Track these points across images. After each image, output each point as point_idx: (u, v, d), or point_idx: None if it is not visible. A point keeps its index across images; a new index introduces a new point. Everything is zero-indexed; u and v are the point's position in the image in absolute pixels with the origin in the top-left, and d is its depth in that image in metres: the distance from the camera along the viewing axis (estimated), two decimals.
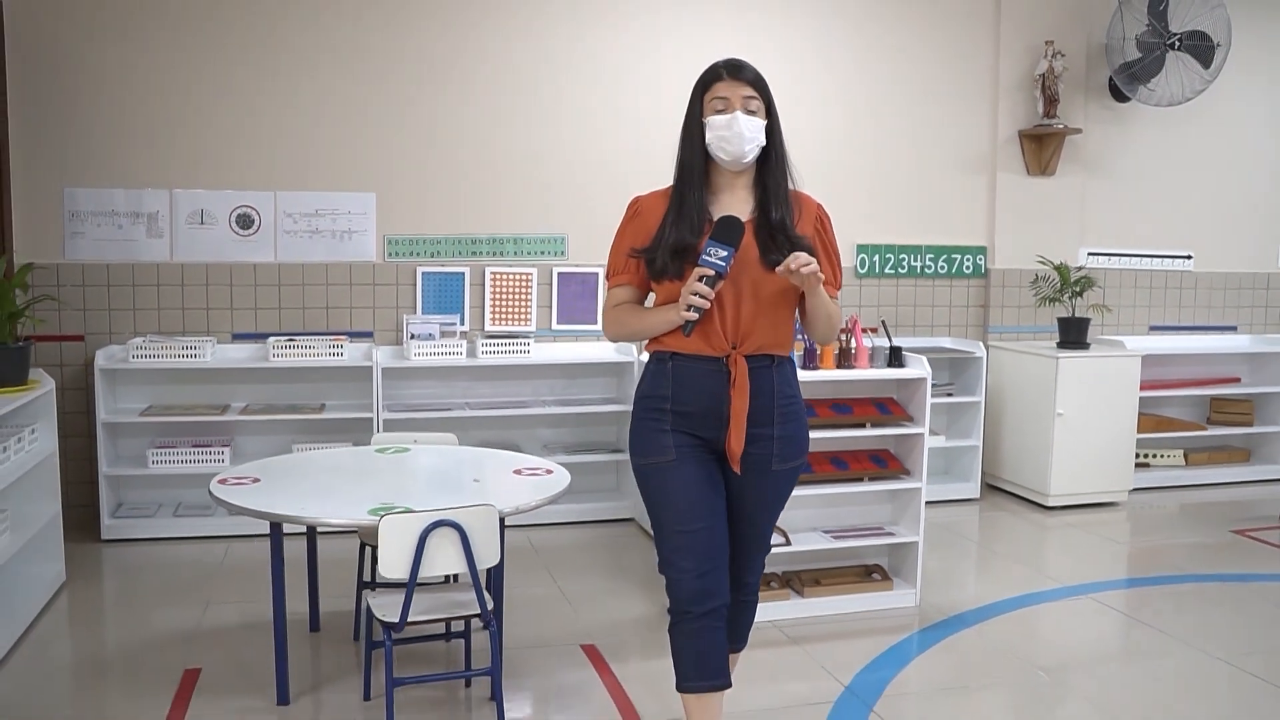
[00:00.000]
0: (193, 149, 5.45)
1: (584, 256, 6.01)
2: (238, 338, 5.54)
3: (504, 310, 5.89)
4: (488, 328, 5.87)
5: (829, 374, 4.56)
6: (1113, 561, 5.47)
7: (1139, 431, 6.56)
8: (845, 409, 4.62)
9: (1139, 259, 7.31)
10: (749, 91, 2.79)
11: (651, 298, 2.93)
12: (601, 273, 6.02)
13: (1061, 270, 6.42)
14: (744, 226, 2.71)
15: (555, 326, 6.00)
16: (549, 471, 3.88)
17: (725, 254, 2.64)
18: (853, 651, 4.08)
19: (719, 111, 2.78)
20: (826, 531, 4.66)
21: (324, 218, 5.57)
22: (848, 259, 6.49)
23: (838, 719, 3.50)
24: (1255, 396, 7.39)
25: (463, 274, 5.81)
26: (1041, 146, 6.84)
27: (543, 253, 5.95)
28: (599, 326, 6.05)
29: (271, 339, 5.41)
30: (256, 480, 3.61)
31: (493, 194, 5.84)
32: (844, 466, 4.62)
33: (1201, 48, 6.70)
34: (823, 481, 4.55)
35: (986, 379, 6.53)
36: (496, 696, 3.38)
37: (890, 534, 4.70)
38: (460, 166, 5.78)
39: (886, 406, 4.70)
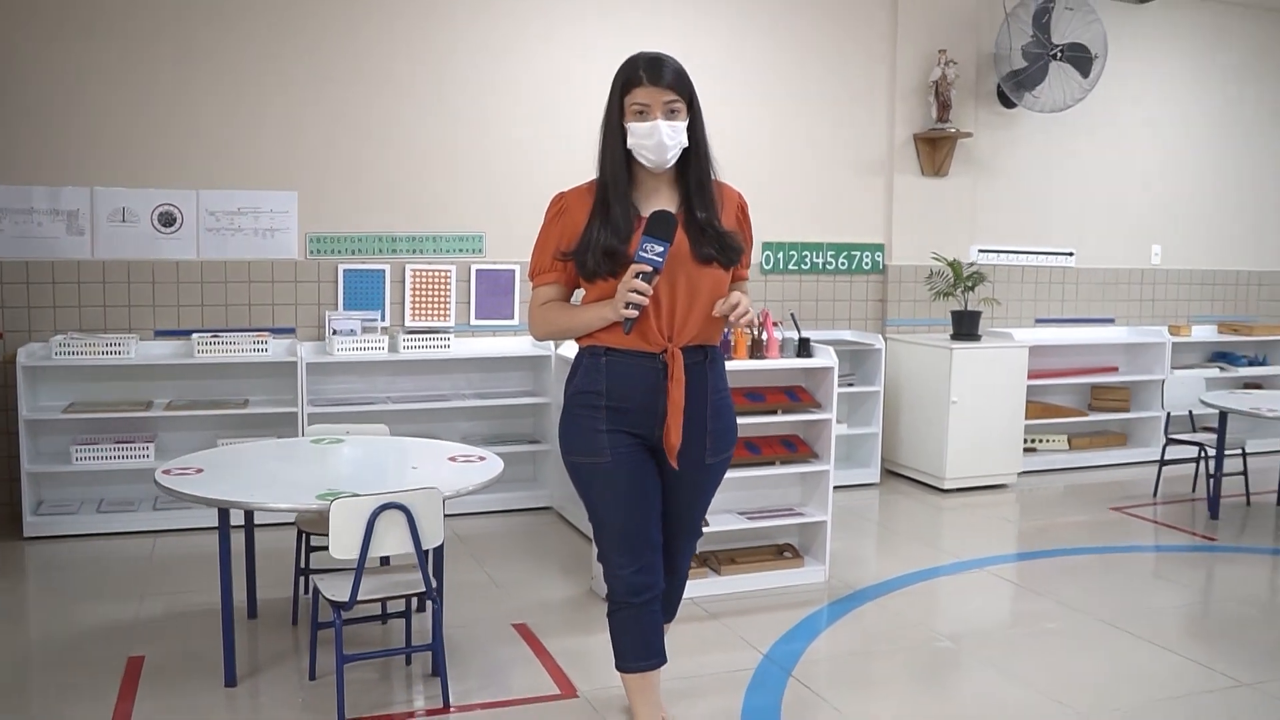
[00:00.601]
0: (114, 147, 5.48)
1: (501, 254, 6.18)
2: (160, 334, 5.58)
3: (424, 306, 6.03)
4: (408, 323, 6.01)
5: (743, 364, 4.81)
6: (1004, 538, 5.84)
7: (1027, 418, 6.96)
8: (758, 397, 4.89)
9: (1025, 256, 7.75)
10: (669, 96, 2.75)
11: (579, 294, 2.95)
12: (519, 269, 6.20)
13: (954, 266, 6.78)
14: (676, 222, 2.73)
15: (474, 322, 6.16)
16: (482, 459, 4.06)
17: (661, 249, 2.68)
18: (769, 624, 4.34)
19: (639, 116, 2.75)
20: (741, 513, 4.92)
21: (246, 216, 5.64)
22: (753, 256, 6.77)
23: (759, 685, 3.75)
24: (1131, 384, 7.87)
25: (383, 271, 5.94)
26: (935, 149, 7.21)
27: (461, 250, 6.10)
28: (516, 322, 6.23)
29: (195, 335, 5.47)
30: (200, 470, 3.71)
31: (413, 193, 5.97)
32: (757, 451, 4.88)
33: (1081, 58, 7.14)
34: (737, 465, 4.79)
35: (885, 369, 6.87)
36: (440, 671, 3.55)
37: (800, 514, 4.98)
38: (381, 165, 5.90)
39: (796, 394, 4.97)
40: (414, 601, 3.88)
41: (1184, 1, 8.09)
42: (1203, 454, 6.62)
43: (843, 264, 7.16)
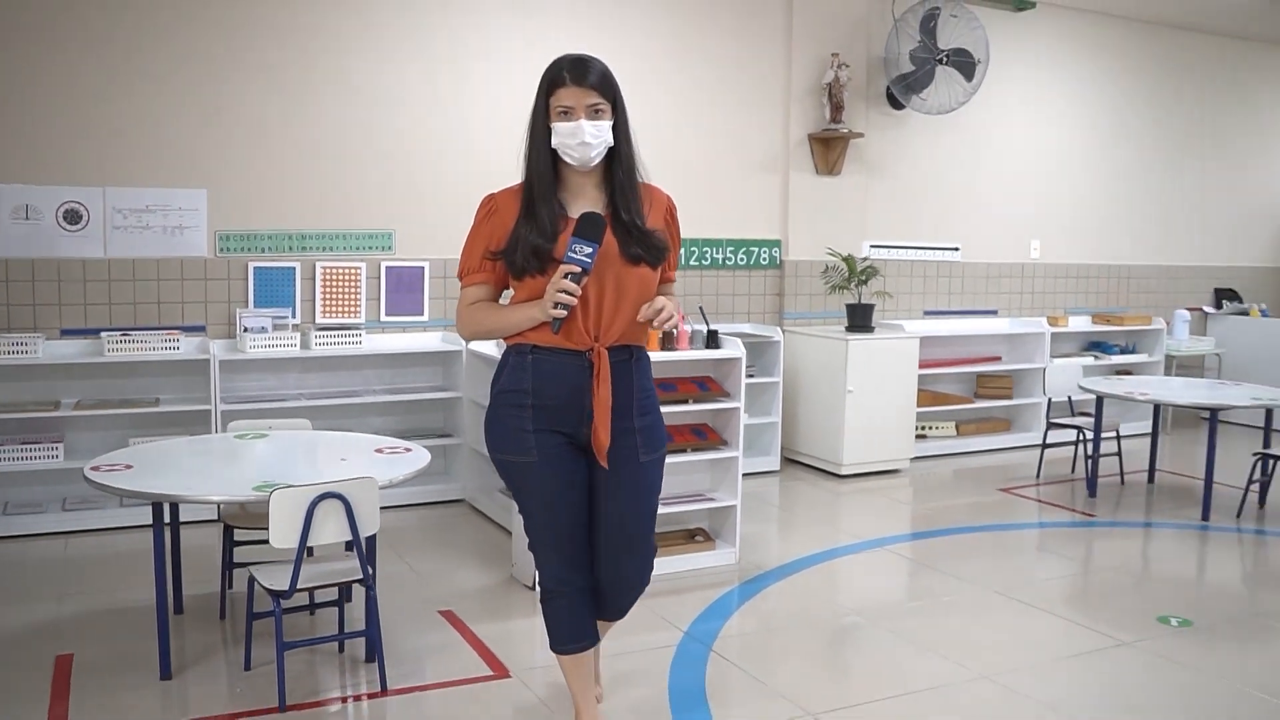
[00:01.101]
0: (17, 144, 5.39)
1: (410, 251, 6.25)
2: (67, 334, 5.52)
3: (334, 303, 6.07)
4: (319, 320, 6.04)
5: (654, 355, 4.95)
6: (900, 519, 6.13)
7: (917, 406, 7.29)
8: (670, 387, 5.07)
9: (914, 251, 8.10)
10: (593, 97, 2.79)
11: (507, 294, 2.98)
12: (428, 266, 6.29)
13: (849, 261, 7.06)
14: (604, 222, 2.76)
15: (384, 318, 6.22)
16: (408, 450, 4.15)
17: (590, 250, 2.70)
18: (687, 604, 4.52)
19: (564, 116, 2.79)
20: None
21: (155, 213, 5.62)
22: None
23: (683, 661, 3.93)
24: (1014, 373, 8.29)
25: (294, 268, 5.96)
26: (828, 149, 7.50)
27: (371, 247, 6.16)
28: (425, 318, 6.31)
29: (105, 334, 5.43)
30: (129, 466, 3.73)
31: (322, 190, 6.01)
32: (669, 439, 5.04)
33: (965, 63, 7.50)
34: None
35: (783, 361, 7.12)
36: (378, 655, 3.65)
37: (711, 499, 5.18)
38: (290, 163, 5.92)
39: (705, 384, 5.17)
40: (341, 591, 3.97)
41: (1061, 11, 8.53)
42: (1081, 437, 7.04)
43: (741, 260, 7.40)
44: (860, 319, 7.10)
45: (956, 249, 8.30)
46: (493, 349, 5.90)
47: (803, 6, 7.32)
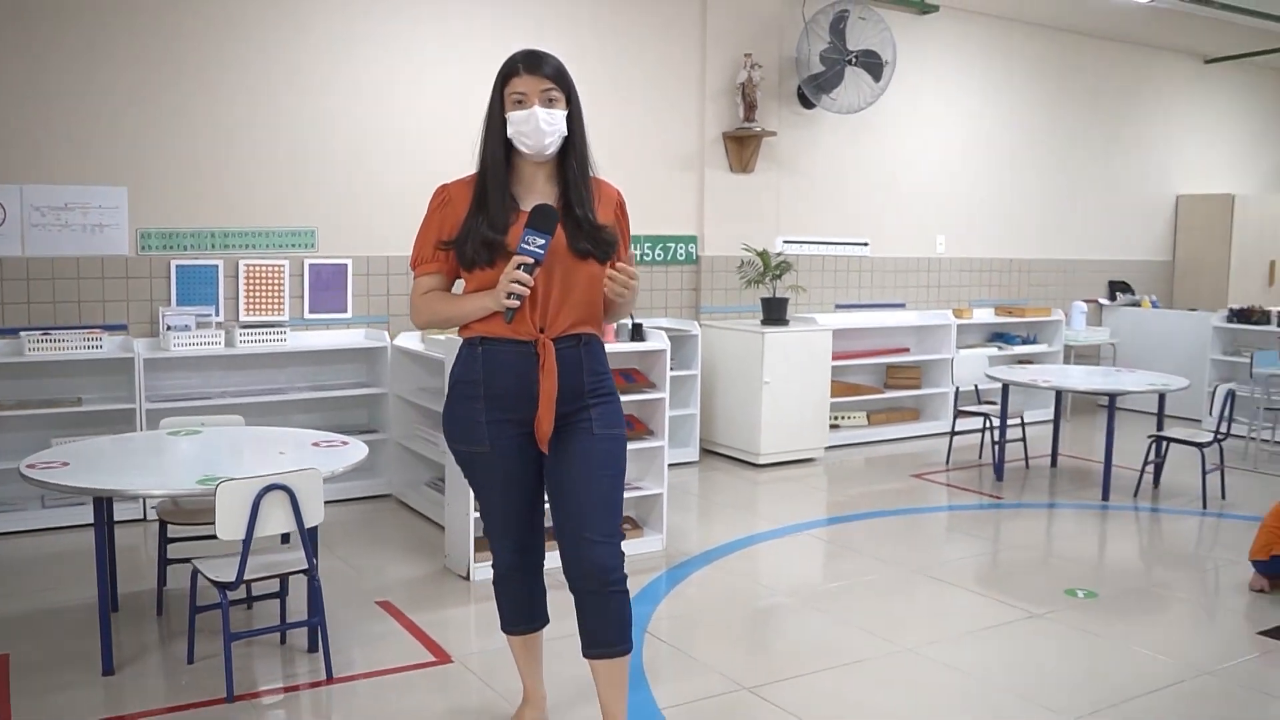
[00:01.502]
0: None
1: (333, 248, 6.27)
2: None
3: (257, 301, 6.07)
4: (242, 318, 6.03)
5: None
6: (818, 505, 6.33)
7: (831, 396, 7.52)
8: None
9: (825, 246, 8.33)
10: (547, 85, 2.84)
11: (459, 284, 2.99)
12: (350, 263, 6.32)
13: (763, 256, 7.25)
14: (558, 215, 2.79)
15: (307, 316, 6.23)
16: (344, 443, 4.21)
17: (543, 242, 2.73)
18: None
19: (518, 105, 2.82)
20: None
21: (74, 211, 5.56)
22: None
23: None
24: (921, 363, 8.58)
25: (216, 266, 5.94)
26: (742, 147, 7.68)
27: (293, 245, 6.16)
28: (349, 315, 6.34)
29: (25, 334, 5.37)
30: (65, 464, 3.72)
31: (245, 188, 6.00)
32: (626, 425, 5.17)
33: (873, 64, 7.75)
34: None
35: (701, 354, 7.28)
36: (323, 643, 3.71)
37: (639, 488, 5.31)
38: (212, 161, 5.90)
39: (632, 376, 5.31)
40: (281, 583, 4.01)
41: (964, 15, 8.85)
42: (988, 424, 7.32)
43: (659, 255, 7.55)
44: (775, 313, 7.30)
45: (866, 244, 8.55)
46: (419, 344, 5.98)
47: (716, 8, 7.49)
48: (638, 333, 5.36)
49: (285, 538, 4.05)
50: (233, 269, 5.99)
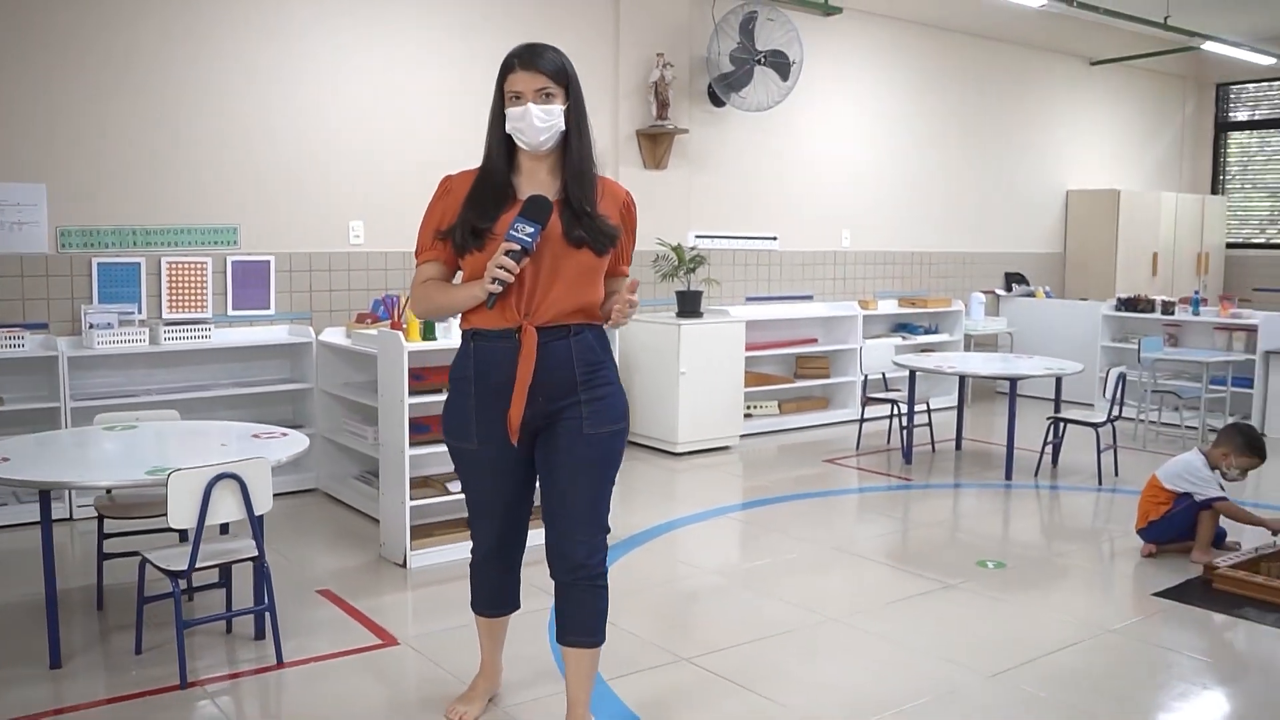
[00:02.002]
0: None
1: (256, 245, 6.29)
2: None
3: (180, 298, 6.06)
4: (166, 315, 6.02)
5: None
6: (736, 491, 6.55)
7: (745, 386, 7.75)
8: None
9: (736, 240, 8.56)
10: (542, 82, 2.84)
11: (460, 276, 3.01)
12: (273, 260, 6.35)
13: (678, 251, 7.45)
14: (551, 206, 2.82)
15: (231, 312, 6.24)
16: (284, 434, 4.29)
17: (532, 230, 2.74)
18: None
19: (515, 101, 2.85)
20: None
21: None
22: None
23: None
24: (829, 354, 8.86)
25: (138, 264, 5.93)
26: (655, 144, 7.87)
27: (216, 242, 6.17)
28: (272, 311, 6.37)
29: None
30: (6, 459, 3.73)
31: (166, 184, 5.99)
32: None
33: (781, 64, 8.00)
34: None
35: (619, 346, 7.43)
36: (273, 629, 3.79)
37: None
38: (132, 158, 5.88)
39: None
40: (221, 573, 4.08)
41: (866, 17, 9.16)
42: (896, 410, 7.63)
43: None
44: (690, 305, 7.50)
45: (775, 238, 8.81)
46: (344, 340, 6.04)
47: (629, 8, 7.67)
48: None
49: (224, 528, 4.12)
50: (155, 266, 5.97)
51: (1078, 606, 4.48)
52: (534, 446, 2.99)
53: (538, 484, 3.06)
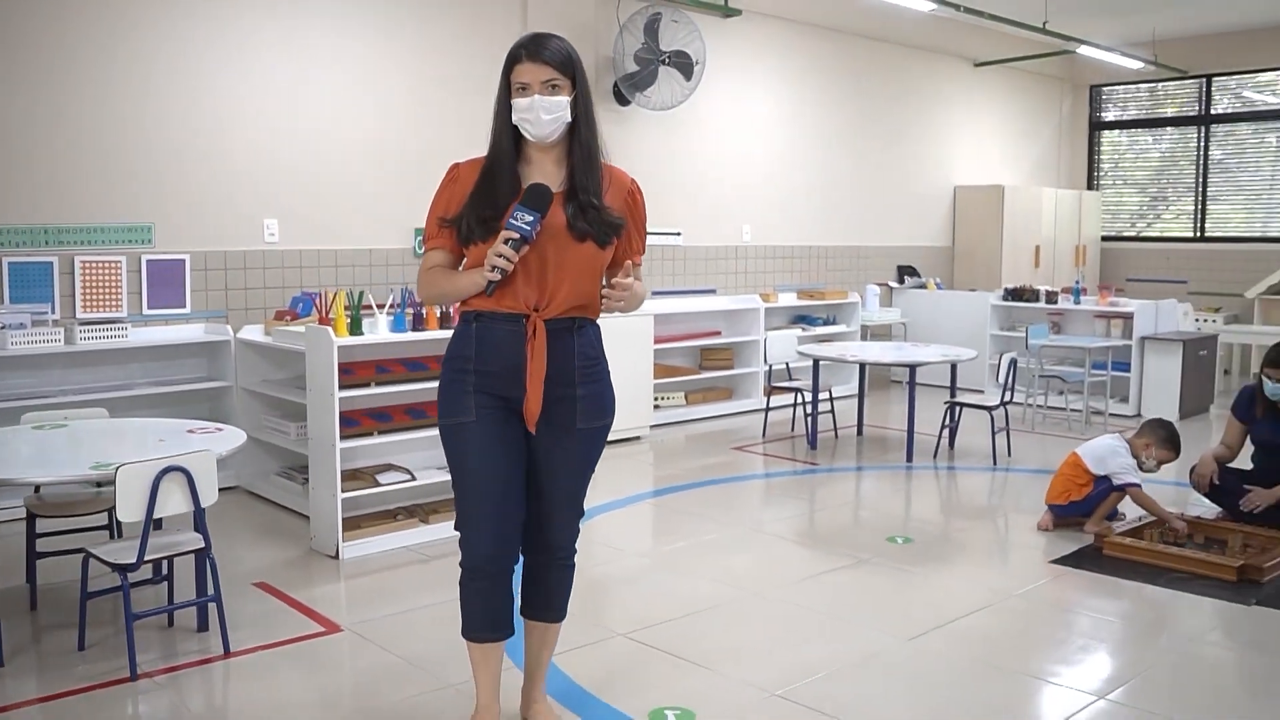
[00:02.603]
0: None
1: (170, 244, 6.28)
2: None
3: (95, 298, 6.02)
4: (80, 315, 5.97)
5: (435, 333, 5.29)
6: (650, 479, 6.75)
7: (654, 378, 7.96)
8: None
9: None
10: (549, 74, 2.82)
11: (466, 262, 2.99)
12: (188, 259, 6.34)
13: None
14: (552, 195, 2.80)
15: (146, 311, 6.22)
16: (219, 429, 4.35)
17: (531, 219, 2.74)
18: None
19: (521, 92, 2.83)
20: (440, 468, 5.46)
21: None
22: (407, 242, 7.28)
23: None
24: (733, 345, 9.13)
25: (51, 263, 5.87)
26: None
27: (130, 241, 6.14)
28: (188, 310, 6.36)
29: None
30: None
31: (78, 184, 5.93)
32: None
33: (684, 64, 8.23)
34: (431, 425, 5.29)
35: None
36: (220, 619, 3.85)
37: None
38: (43, 156, 5.82)
39: None
40: (155, 568, 4.13)
41: (764, 19, 9.44)
42: (799, 398, 7.92)
43: None
44: None
45: (679, 234, 9.04)
46: (263, 337, 6.07)
47: (537, 9, 7.81)
48: None
49: (158, 523, 4.16)
50: (68, 265, 5.93)
51: (983, 575, 4.80)
52: (525, 434, 2.97)
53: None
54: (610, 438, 3.17)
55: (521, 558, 3.10)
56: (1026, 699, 3.56)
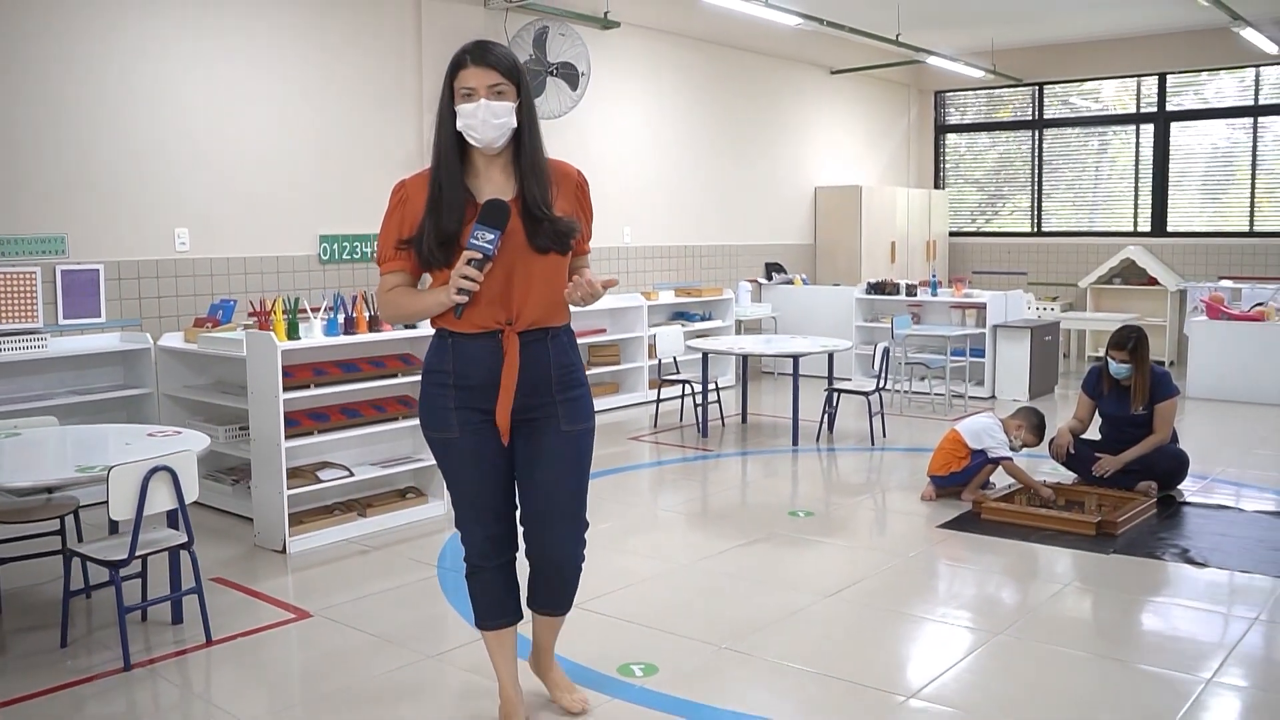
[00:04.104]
0: None
1: (85, 254, 6.38)
2: None
3: (9, 308, 6.09)
4: None
5: (365, 336, 5.58)
6: None
7: None
8: (379, 364, 5.73)
9: None
10: (495, 79, 2.84)
11: (426, 279, 3.02)
12: (103, 268, 6.46)
13: None
14: (509, 209, 2.81)
15: (62, 321, 6.31)
16: (177, 432, 4.58)
17: (492, 237, 2.76)
18: (423, 548, 5.26)
19: (466, 97, 2.84)
20: (374, 464, 5.77)
21: None
22: (310, 248, 7.51)
23: (449, 587, 4.69)
24: (618, 342, 9.58)
25: None
26: None
27: (43, 251, 6.23)
28: (103, 319, 6.47)
29: None
30: None
31: None
32: (382, 410, 5.74)
33: (571, 75, 8.63)
34: (368, 424, 5.63)
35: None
36: (201, 609, 4.10)
37: (419, 460, 5.90)
38: None
39: (410, 359, 5.89)
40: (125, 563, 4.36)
41: (641, 31, 9.90)
42: (689, 390, 8.43)
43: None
44: None
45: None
46: (182, 344, 6.24)
47: (430, 23, 8.11)
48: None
49: (114, 527, 4.37)
50: None
51: (879, 540, 5.39)
52: (513, 442, 3.06)
53: (516, 484, 3.14)
54: None
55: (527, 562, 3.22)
56: (933, 638, 4.12)
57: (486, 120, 2.83)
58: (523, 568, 3.28)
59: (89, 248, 6.40)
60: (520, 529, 3.17)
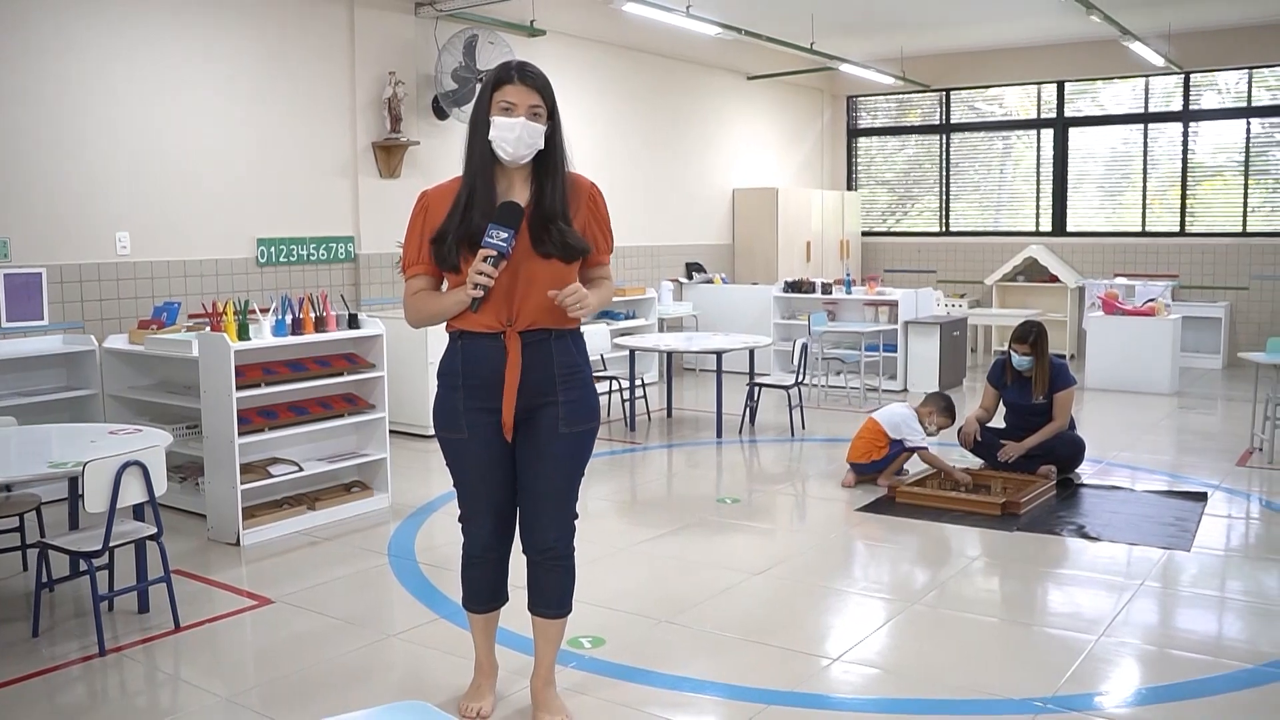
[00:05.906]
0: None
1: (27, 257, 6.49)
2: None
3: None
4: None
5: (310, 337, 5.80)
6: None
7: None
8: (325, 363, 5.96)
9: None
10: (535, 100, 3.02)
11: (446, 284, 3.19)
12: (45, 272, 6.58)
13: None
14: (523, 211, 2.98)
15: (4, 325, 6.42)
16: (139, 430, 4.78)
17: (506, 235, 2.91)
18: (372, 538, 5.51)
19: (505, 111, 3.00)
20: (320, 459, 6.00)
21: None
22: (248, 251, 7.68)
23: (402, 572, 4.96)
24: None
25: None
26: (390, 155, 8.57)
27: None
28: (45, 322, 6.59)
29: None
30: None
31: None
32: (329, 407, 5.97)
33: None
34: (314, 420, 5.86)
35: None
36: (170, 597, 4.31)
37: (365, 455, 6.15)
38: None
39: (354, 358, 6.12)
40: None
41: (566, 39, 10.19)
42: (616, 385, 8.75)
43: (322, 255, 8.27)
44: None
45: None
46: (127, 345, 6.39)
47: (363, 30, 8.32)
48: (354, 321, 6.16)
49: (76, 523, 4.56)
50: None
51: (803, 523, 5.78)
52: (515, 438, 3.21)
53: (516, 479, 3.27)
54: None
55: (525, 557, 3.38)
56: (855, 609, 4.50)
57: (522, 138, 3.01)
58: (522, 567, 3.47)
59: (31, 251, 6.52)
60: (518, 520, 3.34)
